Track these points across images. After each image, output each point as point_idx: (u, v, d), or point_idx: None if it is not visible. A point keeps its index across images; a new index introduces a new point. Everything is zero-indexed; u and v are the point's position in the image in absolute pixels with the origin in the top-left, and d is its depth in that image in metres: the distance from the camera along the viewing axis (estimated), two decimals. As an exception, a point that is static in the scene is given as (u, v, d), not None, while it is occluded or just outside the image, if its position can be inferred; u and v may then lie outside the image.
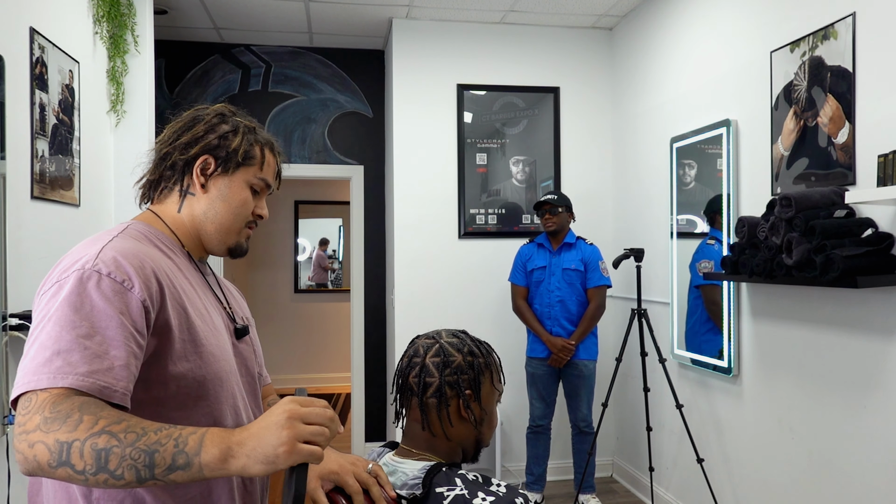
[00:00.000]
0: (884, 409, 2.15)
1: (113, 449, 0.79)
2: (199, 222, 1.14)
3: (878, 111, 2.16)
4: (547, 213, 3.54)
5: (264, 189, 1.19)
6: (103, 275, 0.91)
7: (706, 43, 3.19)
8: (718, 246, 3.04)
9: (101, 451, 0.79)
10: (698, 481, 3.20)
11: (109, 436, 0.80)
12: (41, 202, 2.46)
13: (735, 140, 2.92)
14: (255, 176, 1.16)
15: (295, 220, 7.08)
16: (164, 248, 1.09)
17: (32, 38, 2.39)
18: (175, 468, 0.80)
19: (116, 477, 0.80)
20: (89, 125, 2.93)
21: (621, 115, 4.13)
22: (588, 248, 3.61)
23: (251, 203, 1.17)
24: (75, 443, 0.79)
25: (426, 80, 4.10)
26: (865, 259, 2.07)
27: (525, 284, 3.63)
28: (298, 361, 7.05)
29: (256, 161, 1.16)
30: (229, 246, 1.17)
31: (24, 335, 2.18)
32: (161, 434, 0.81)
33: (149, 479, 0.80)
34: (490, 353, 1.32)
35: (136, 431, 0.81)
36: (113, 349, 0.87)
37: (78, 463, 0.79)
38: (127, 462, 0.79)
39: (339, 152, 4.62)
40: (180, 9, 3.94)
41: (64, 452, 0.79)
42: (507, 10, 3.95)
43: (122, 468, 0.79)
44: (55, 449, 0.79)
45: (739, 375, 2.93)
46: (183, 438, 0.82)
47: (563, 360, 3.49)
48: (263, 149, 1.17)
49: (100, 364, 0.86)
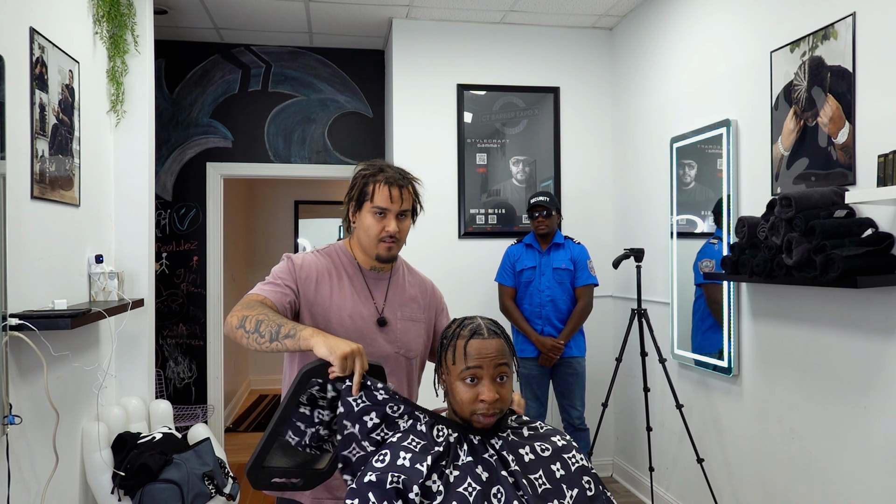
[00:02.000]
0: (884, 409, 2.15)
1: (263, 321, 1.45)
2: (357, 245, 1.75)
3: (878, 111, 2.16)
4: (540, 216, 3.55)
5: (386, 211, 1.66)
6: (289, 258, 1.72)
7: (706, 43, 3.19)
8: (720, 245, 3.04)
9: (259, 321, 1.46)
10: (698, 481, 3.20)
11: (265, 316, 1.47)
12: (41, 202, 2.46)
13: (735, 140, 2.92)
14: (371, 206, 1.66)
15: (295, 220, 7.08)
16: (337, 258, 1.76)
17: (32, 38, 2.39)
18: (288, 336, 1.41)
19: (261, 334, 1.44)
20: (89, 125, 2.93)
21: (621, 115, 4.13)
22: (576, 247, 3.62)
23: (376, 225, 1.67)
24: (248, 316, 1.47)
25: (426, 80, 4.10)
26: (865, 259, 2.07)
27: (513, 285, 3.63)
28: (298, 361, 7.04)
29: (369, 196, 1.67)
30: (374, 256, 1.72)
31: (24, 335, 2.18)
32: (285, 320, 1.47)
33: (275, 340, 1.42)
34: (456, 334, 1.37)
35: (275, 318, 1.47)
36: (277, 286, 1.62)
37: (248, 326, 1.46)
38: (267, 329, 1.44)
39: (339, 152, 4.62)
40: (180, 9, 3.94)
41: (244, 321, 1.48)
42: (507, 10, 3.95)
43: (266, 331, 1.44)
44: (240, 318, 1.48)
45: (739, 375, 2.93)
46: (295, 324, 1.45)
47: (553, 360, 3.49)
48: (375, 185, 1.66)
49: (270, 289, 1.62)
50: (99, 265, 2.91)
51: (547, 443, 1.38)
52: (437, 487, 1.26)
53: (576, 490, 1.32)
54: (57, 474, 2.52)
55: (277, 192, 7.04)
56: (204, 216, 4.49)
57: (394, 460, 1.27)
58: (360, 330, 1.67)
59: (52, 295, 2.55)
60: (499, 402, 1.33)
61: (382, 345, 1.70)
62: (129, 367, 3.23)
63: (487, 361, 1.33)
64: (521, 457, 1.34)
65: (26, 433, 2.32)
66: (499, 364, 1.34)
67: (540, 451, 1.36)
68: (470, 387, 1.33)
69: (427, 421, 1.37)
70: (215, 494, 2.85)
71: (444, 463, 1.30)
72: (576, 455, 1.38)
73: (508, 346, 1.39)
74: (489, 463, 1.31)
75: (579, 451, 1.40)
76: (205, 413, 4.32)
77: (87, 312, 2.46)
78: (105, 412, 2.93)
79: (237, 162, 4.52)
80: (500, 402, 1.33)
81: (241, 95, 4.52)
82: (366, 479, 1.25)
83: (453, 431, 1.35)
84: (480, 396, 1.32)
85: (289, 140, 4.56)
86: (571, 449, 1.39)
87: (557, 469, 1.34)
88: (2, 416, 2.10)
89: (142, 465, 2.72)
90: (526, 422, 1.45)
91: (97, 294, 2.91)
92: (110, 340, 3.08)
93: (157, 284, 4.37)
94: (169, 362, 4.45)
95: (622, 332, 3.61)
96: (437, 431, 1.35)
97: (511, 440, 1.37)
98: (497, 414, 1.34)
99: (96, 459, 2.75)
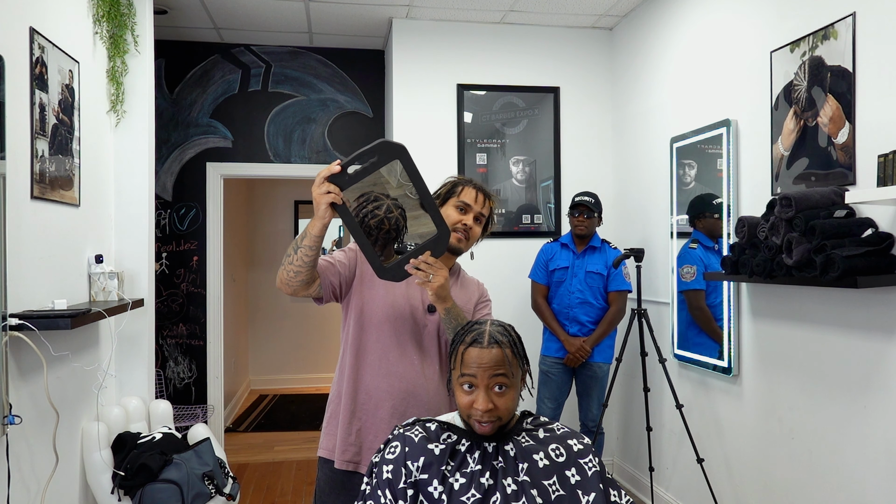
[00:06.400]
0: (884, 409, 2.15)
1: (287, 253, 1.64)
2: None
3: (878, 111, 2.16)
4: (582, 215, 3.52)
5: (468, 208, 1.84)
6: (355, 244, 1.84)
7: (706, 43, 3.19)
8: (700, 249, 3.03)
9: (285, 255, 1.65)
10: (698, 481, 3.20)
11: (294, 246, 1.63)
12: (41, 202, 2.46)
13: (735, 140, 2.92)
14: (458, 200, 1.84)
15: (295, 220, 7.08)
16: None
17: (32, 38, 2.39)
18: (303, 237, 1.59)
19: (288, 255, 1.62)
20: (89, 125, 2.93)
21: (621, 115, 4.13)
22: (613, 252, 3.57)
23: (456, 216, 1.83)
24: (286, 258, 1.65)
25: (426, 80, 4.10)
26: (865, 259, 2.07)
27: (546, 283, 3.61)
28: (298, 361, 7.06)
29: (457, 193, 1.85)
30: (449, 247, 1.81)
31: (24, 335, 2.18)
32: (301, 234, 1.61)
33: (298, 247, 1.60)
34: (461, 339, 1.38)
35: (297, 241, 1.63)
36: (328, 261, 1.79)
37: (282, 264, 1.65)
38: (291, 248, 1.63)
39: (339, 152, 4.62)
40: (180, 9, 3.94)
41: (281, 269, 1.66)
42: (507, 10, 3.95)
43: (290, 251, 1.62)
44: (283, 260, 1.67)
45: (739, 375, 2.92)
46: (305, 229, 1.61)
47: (579, 361, 3.48)
48: (465, 187, 1.86)
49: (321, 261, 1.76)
50: (99, 265, 2.90)
51: (563, 447, 1.37)
52: (439, 494, 1.26)
53: (592, 495, 1.30)
54: (57, 474, 2.52)
55: (277, 192, 7.04)
56: (204, 216, 4.49)
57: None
58: (413, 310, 1.80)
59: (52, 295, 2.55)
60: (494, 412, 1.31)
61: (431, 328, 1.82)
62: (128, 367, 3.23)
63: (482, 371, 1.32)
64: (535, 463, 1.33)
65: (26, 433, 2.32)
66: (495, 374, 1.32)
67: (555, 456, 1.35)
68: (467, 393, 1.33)
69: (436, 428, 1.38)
70: (215, 494, 2.85)
71: (448, 469, 1.29)
72: (593, 460, 1.36)
73: (517, 354, 1.37)
74: (496, 471, 1.31)
75: (596, 456, 1.38)
76: (205, 413, 4.32)
77: (87, 312, 2.46)
78: (105, 412, 2.93)
79: (237, 162, 4.52)
80: (497, 412, 1.32)
81: (241, 95, 4.52)
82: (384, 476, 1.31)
83: (466, 440, 1.35)
84: (474, 405, 1.31)
85: (289, 140, 4.56)
86: (588, 453, 1.37)
87: (573, 475, 1.33)
88: (2, 416, 2.10)
89: (142, 465, 2.72)
90: (543, 423, 1.44)
91: (97, 294, 2.91)
92: (110, 340, 3.08)
93: (157, 284, 4.37)
94: (169, 362, 4.45)
95: (622, 332, 3.61)
96: (445, 436, 1.36)
97: (525, 445, 1.36)
98: (494, 422, 1.33)
99: (96, 459, 2.75)
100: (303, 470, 4.38)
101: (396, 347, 1.77)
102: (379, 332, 1.78)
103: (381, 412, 1.75)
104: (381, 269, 1.60)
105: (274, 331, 7.02)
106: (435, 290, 1.64)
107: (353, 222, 1.57)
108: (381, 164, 1.56)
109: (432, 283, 1.63)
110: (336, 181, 1.54)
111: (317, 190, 1.53)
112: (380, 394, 1.75)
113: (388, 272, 1.61)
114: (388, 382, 1.76)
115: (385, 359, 1.77)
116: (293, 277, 1.63)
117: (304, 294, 1.70)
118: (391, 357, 1.77)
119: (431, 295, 1.65)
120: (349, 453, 1.75)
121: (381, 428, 1.75)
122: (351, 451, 1.75)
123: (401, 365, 1.77)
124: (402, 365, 1.77)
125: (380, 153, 1.54)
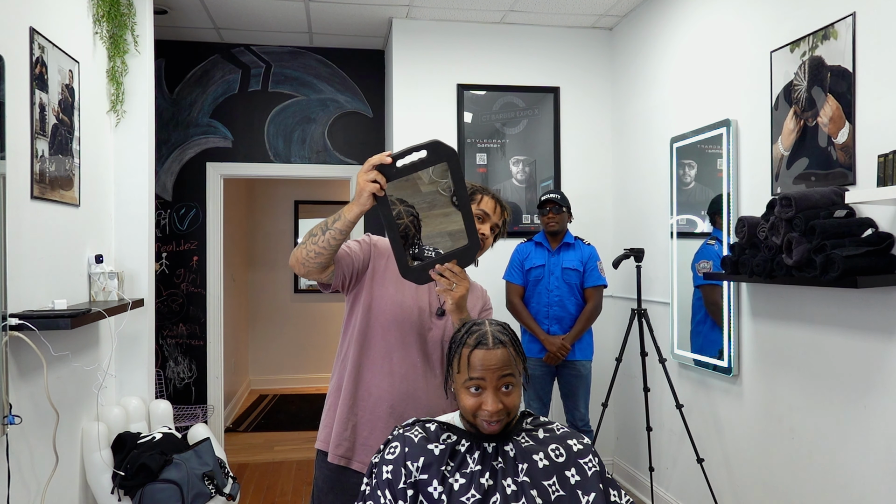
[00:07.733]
0: (884, 409, 2.15)
1: (314, 233, 1.62)
2: None
3: (878, 111, 2.16)
4: (551, 212, 3.54)
5: (486, 217, 1.85)
6: (368, 235, 1.89)
7: (706, 43, 3.19)
8: (719, 246, 3.04)
9: (310, 234, 1.63)
10: (698, 481, 3.20)
11: (323, 227, 1.61)
12: (41, 202, 2.46)
13: (735, 140, 2.92)
14: (477, 208, 1.84)
15: (295, 220, 7.08)
16: None
17: (32, 38, 2.39)
18: (336, 220, 1.57)
19: (312, 234, 1.61)
20: (89, 125, 2.93)
21: (621, 115, 4.13)
22: (587, 248, 3.61)
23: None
24: (302, 242, 1.66)
25: (426, 80, 4.10)
26: (865, 259, 2.07)
27: (522, 283, 3.63)
28: (298, 361, 7.05)
29: (476, 201, 1.85)
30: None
31: (24, 335, 2.18)
32: (333, 217, 1.60)
33: (328, 229, 1.58)
34: (462, 341, 1.36)
35: (321, 224, 1.62)
36: (349, 249, 1.78)
37: (303, 242, 1.63)
38: (318, 229, 1.60)
39: (339, 152, 4.62)
40: (180, 9, 3.94)
41: (300, 247, 1.65)
42: (507, 10, 3.95)
43: (317, 231, 1.61)
44: (298, 248, 1.67)
45: (739, 375, 2.93)
46: (340, 212, 1.60)
47: (559, 359, 3.49)
48: (483, 196, 1.87)
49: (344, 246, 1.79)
50: (99, 265, 2.91)
51: (563, 447, 1.37)
52: (439, 494, 1.26)
53: (592, 495, 1.30)
54: (57, 474, 2.52)
55: (277, 191, 7.04)
56: (204, 216, 4.49)
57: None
58: (420, 312, 1.81)
59: (52, 295, 2.55)
60: (503, 411, 1.32)
61: (436, 332, 1.82)
62: (128, 367, 3.23)
63: (490, 373, 1.31)
64: (535, 463, 1.33)
65: (26, 433, 2.32)
66: (503, 375, 1.32)
67: (554, 456, 1.35)
68: (474, 396, 1.32)
69: (436, 428, 1.38)
70: (215, 494, 2.85)
71: (447, 469, 1.30)
72: (593, 460, 1.37)
73: (516, 352, 1.37)
74: (496, 471, 1.31)
75: (596, 456, 1.39)
76: (205, 413, 4.32)
77: (87, 312, 2.45)
78: (105, 412, 2.93)
79: (237, 162, 4.52)
80: (506, 411, 1.32)
81: (241, 95, 4.52)
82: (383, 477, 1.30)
83: (466, 440, 1.35)
84: (483, 406, 1.31)
85: (289, 140, 4.56)
86: (588, 453, 1.37)
87: (573, 475, 1.33)
88: (2, 416, 2.10)
89: (142, 465, 2.72)
90: (542, 423, 1.44)
91: (97, 294, 2.91)
92: (110, 340, 3.08)
93: (157, 284, 4.37)
94: (169, 362, 4.45)
95: (622, 332, 3.61)
96: (445, 436, 1.36)
97: (525, 446, 1.36)
98: (503, 421, 1.33)
99: (96, 459, 2.75)
100: (303, 470, 4.38)
101: (401, 348, 1.77)
102: (385, 330, 1.78)
103: (380, 411, 1.75)
104: (407, 268, 1.59)
105: (274, 331, 7.01)
106: (456, 299, 1.61)
107: (390, 216, 1.55)
108: (429, 164, 1.54)
109: (454, 293, 1.60)
110: (383, 171, 1.52)
111: (364, 176, 1.50)
112: (380, 392, 1.76)
113: (412, 272, 1.59)
114: (389, 382, 1.76)
115: (388, 358, 1.77)
116: (313, 258, 1.61)
117: (314, 277, 1.69)
118: (394, 357, 1.77)
119: (451, 303, 1.62)
120: (342, 448, 1.76)
121: (376, 426, 1.75)
122: (344, 445, 1.76)
123: (403, 366, 1.77)
124: (405, 366, 1.77)
125: (430, 152, 1.52)
